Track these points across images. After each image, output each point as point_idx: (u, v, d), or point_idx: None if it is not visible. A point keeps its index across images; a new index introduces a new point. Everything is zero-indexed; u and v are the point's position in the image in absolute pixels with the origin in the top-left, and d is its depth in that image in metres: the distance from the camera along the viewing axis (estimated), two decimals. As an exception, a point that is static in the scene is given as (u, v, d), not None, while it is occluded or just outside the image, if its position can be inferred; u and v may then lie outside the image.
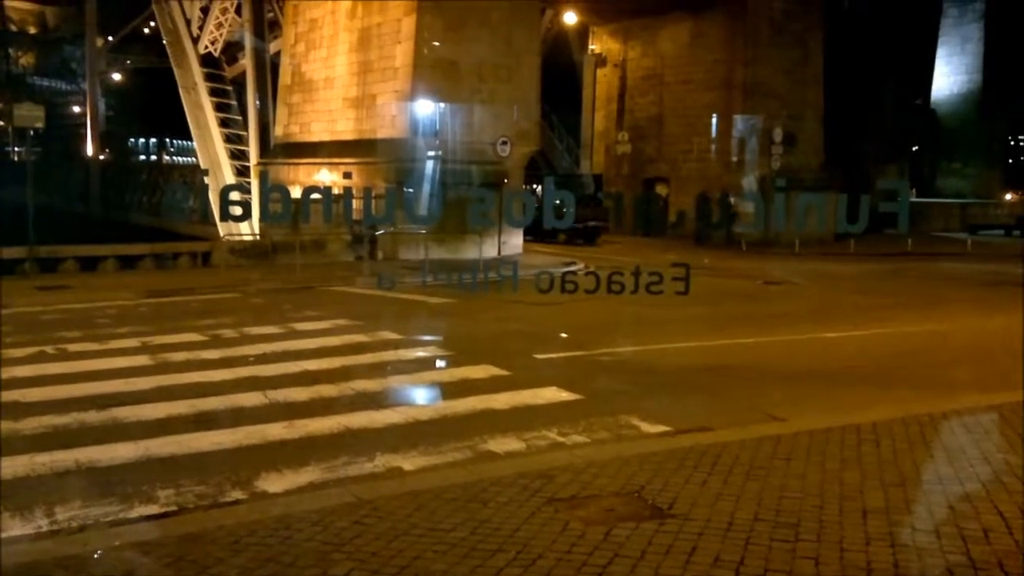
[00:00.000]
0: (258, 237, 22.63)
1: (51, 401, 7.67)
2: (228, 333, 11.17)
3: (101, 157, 55.41)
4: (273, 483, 5.85)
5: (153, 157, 69.94)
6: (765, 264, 23.17)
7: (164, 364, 9.32)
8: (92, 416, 7.29)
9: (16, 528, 5.07)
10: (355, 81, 23.09)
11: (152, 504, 5.46)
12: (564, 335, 11.90)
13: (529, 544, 4.43)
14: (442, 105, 21.14)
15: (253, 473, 6.00)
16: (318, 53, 24.76)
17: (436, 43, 20.69)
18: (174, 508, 5.40)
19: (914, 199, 39.15)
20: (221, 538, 4.64)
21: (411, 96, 21.18)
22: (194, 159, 45.10)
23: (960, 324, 13.30)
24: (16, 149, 64.89)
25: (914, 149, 41.56)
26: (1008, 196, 44.38)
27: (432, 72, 21.17)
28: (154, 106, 54.15)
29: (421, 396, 8.62)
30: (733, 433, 6.92)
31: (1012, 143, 48.31)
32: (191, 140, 37.48)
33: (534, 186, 35.88)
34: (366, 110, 22.66)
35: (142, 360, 9.51)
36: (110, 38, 54.86)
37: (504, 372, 9.17)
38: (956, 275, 21.24)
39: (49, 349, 9.96)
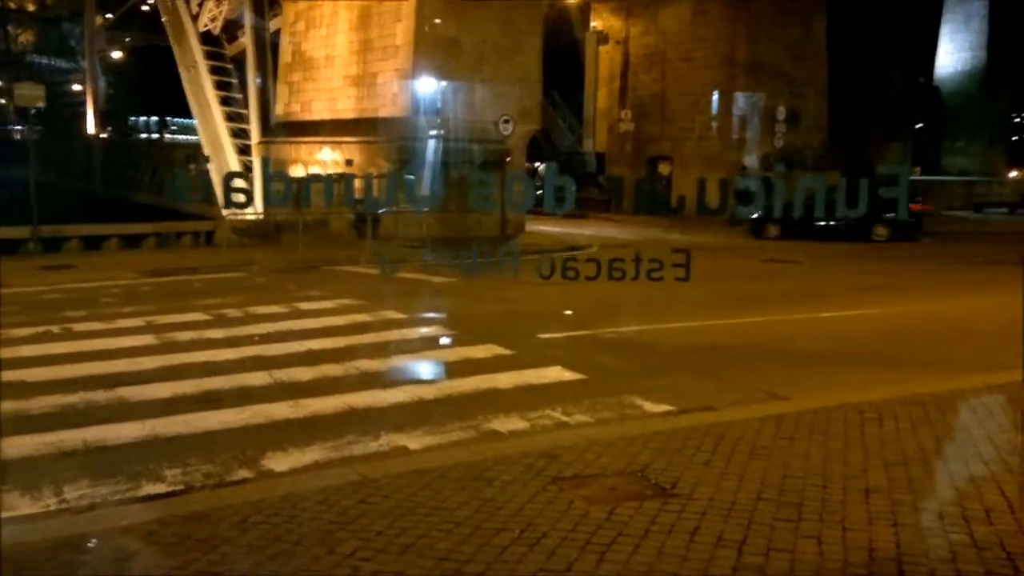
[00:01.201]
0: (260, 216, 22.63)
1: (58, 381, 7.72)
2: (232, 313, 11.20)
3: (102, 135, 55.32)
4: (279, 462, 5.89)
5: (154, 135, 69.77)
6: (766, 242, 23.15)
7: (169, 344, 9.36)
8: (99, 396, 7.34)
9: (24, 507, 5.11)
10: (355, 60, 22.99)
11: (159, 483, 5.50)
12: (568, 312, 11.94)
13: (534, 523, 4.47)
14: (443, 84, 21.04)
15: (259, 452, 6.04)
16: (318, 31, 24.64)
17: (437, 21, 20.55)
18: (181, 487, 5.45)
19: (918, 177, 39.06)
20: (228, 517, 4.69)
21: (412, 75, 21.10)
22: (195, 137, 45.07)
23: (957, 304, 13.29)
24: (17, 127, 64.79)
25: (918, 127, 41.39)
26: (1013, 174, 44.25)
27: (433, 50, 21.07)
28: (154, 84, 53.97)
29: (425, 375, 8.66)
30: (736, 412, 6.95)
31: (1017, 120, 48.11)
32: (192, 118, 37.44)
33: (536, 164, 35.89)
34: (367, 89, 22.58)
35: (147, 340, 9.55)
36: (108, 15, 54.62)
37: (507, 351, 9.20)
38: (957, 254, 21.19)
39: (54, 329, 10.00)
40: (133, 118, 68.51)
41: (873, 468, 5.37)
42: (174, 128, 70.13)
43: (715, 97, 29.13)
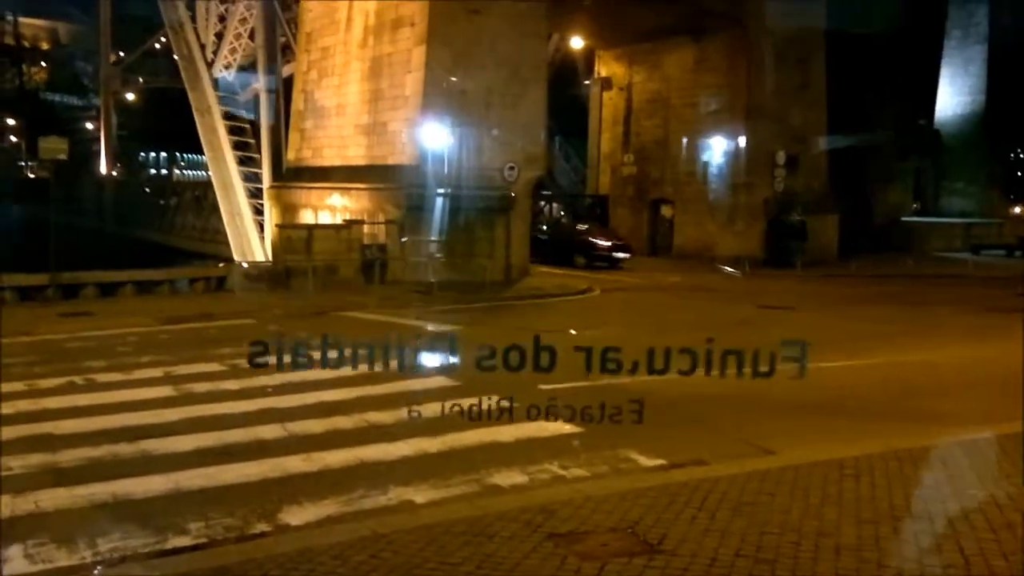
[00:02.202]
0: (270, 261, 23.23)
1: (84, 433, 8.18)
2: (246, 363, 11.66)
3: (114, 173, 56.26)
4: (295, 516, 6.33)
5: (164, 171, 70.82)
6: (765, 286, 23.61)
7: (188, 395, 9.83)
8: (124, 449, 7.80)
9: (62, 559, 5.56)
10: (366, 108, 23.69)
11: (185, 536, 5.94)
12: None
13: (530, 578, 4.91)
14: (451, 132, 21.68)
15: (276, 506, 6.48)
16: (330, 80, 25.39)
17: (446, 74, 21.28)
18: (204, 540, 5.89)
19: (916, 219, 39.58)
20: (250, 571, 5.13)
21: (421, 124, 21.75)
22: (205, 173, 45.98)
23: (951, 353, 13.68)
24: (28, 164, 65.96)
25: (917, 169, 41.97)
26: (1017, 210, 44.74)
27: (441, 100, 21.75)
28: (164, 120, 55.06)
29: (429, 430, 9.09)
30: (724, 467, 7.39)
31: (1020, 155, 48.63)
32: (201, 154, 38.25)
33: (542, 204, 36.47)
34: (377, 137, 23.25)
35: (167, 391, 10.02)
36: (121, 54, 55.76)
37: (505, 403, 9.62)
38: (954, 299, 21.56)
39: (78, 379, 10.48)
40: (143, 154, 69.63)
41: (846, 525, 5.79)
42: (183, 164, 71.21)
43: (717, 143, 29.76)
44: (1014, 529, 5.70)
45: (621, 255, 28.27)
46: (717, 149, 30.01)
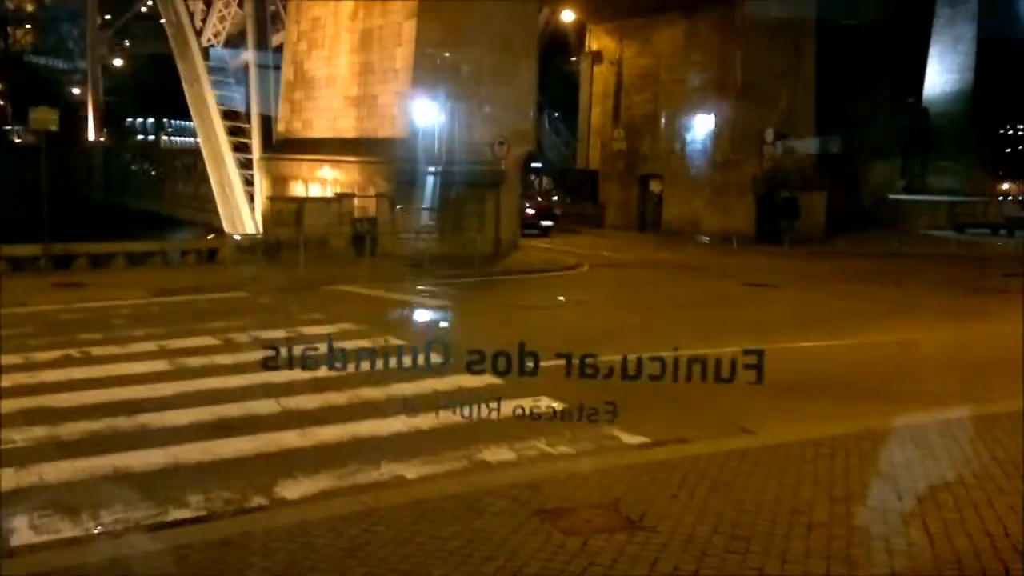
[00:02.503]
0: (260, 234, 23.34)
1: (83, 407, 8.38)
2: (240, 337, 11.87)
3: (102, 139, 55.92)
4: (291, 490, 6.57)
5: (151, 137, 70.32)
6: (752, 262, 23.86)
7: (183, 369, 10.03)
8: (123, 422, 8.00)
9: (67, 530, 5.78)
10: (356, 81, 23.70)
11: (185, 509, 6.17)
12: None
13: (516, 552, 5.15)
14: (441, 107, 21.75)
15: (272, 480, 6.71)
16: (320, 52, 25.35)
17: (437, 48, 21.28)
18: (204, 513, 6.12)
19: (903, 197, 39.89)
20: (250, 543, 5.36)
21: (411, 97, 21.80)
22: (193, 140, 45.79)
23: (932, 334, 13.98)
24: (15, 128, 65.46)
25: (905, 147, 42.22)
26: (1006, 186, 45.11)
27: (432, 75, 21.78)
28: (151, 85, 54.68)
29: (421, 405, 9.32)
30: (705, 446, 7.67)
31: (1009, 131, 48.90)
32: (189, 119, 38.10)
33: (532, 178, 36.64)
34: (367, 109, 23.29)
35: (161, 365, 10.21)
36: (107, 17, 55.20)
37: (497, 381, 9.82)
38: (938, 279, 21.88)
39: (74, 352, 10.65)
40: (129, 120, 69.08)
41: (818, 503, 6.07)
42: (171, 130, 70.69)
43: (706, 119, 29.90)
44: (979, 508, 5.98)
45: (547, 223, 29.78)
46: (706, 126, 30.16)
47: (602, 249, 26.73)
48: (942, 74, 43.01)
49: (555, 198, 35.52)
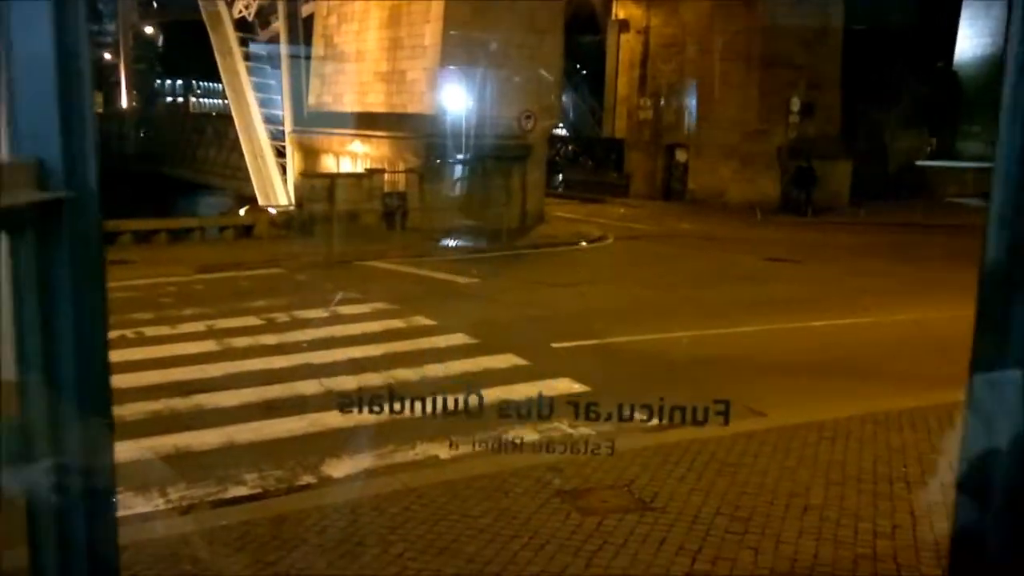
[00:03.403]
0: (293, 206, 24.03)
1: (141, 388, 9.09)
2: (281, 317, 12.58)
3: (134, 104, 56.73)
4: (336, 468, 7.26)
5: (180, 99, 71.05)
6: (774, 234, 24.18)
7: (230, 350, 10.74)
8: (178, 403, 8.72)
9: (140, 506, 6.50)
10: (385, 56, 24.15)
11: (242, 487, 6.86)
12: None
13: (539, 531, 5.80)
14: (469, 83, 22.18)
15: (319, 459, 7.39)
16: (350, 27, 25.79)
17: (464, 26, 21.66)
18: (259, 491, 6.82)
19: (931, 163, 39.73)
20: (303, 520, 6.05)
21: (439, 74, 22.25)
22: (221, 102, 46.43)
23: (945, 313, 14.29)
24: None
25: (935, 112, 41.90)
26: None
27: (459, 51, 22.19)
28: (181, 50, 55.30)
29: (452, 386, 9.98)
30: (714, 430, 8.18)
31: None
32: (217, 81, 38.61)
33: (559, 146, 37.01)
34: (396, 85, 23.77)
35: (210, 346, 10.94)
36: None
37: (524, 362, 10.50)
38: (956, 252, 21.97)
39: (129, 333, 11.39)
40: (158, 81, 69.78)
41: (815, 487, 6.65)
42: (199, 92, 71.39)
43: (732, 89, 30.03)
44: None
45: None
46: (731, 96, 30.27)
47: (627, 220, 27.16)
48: (973, 38, 42.53)
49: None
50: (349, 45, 25.85)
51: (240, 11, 32.75)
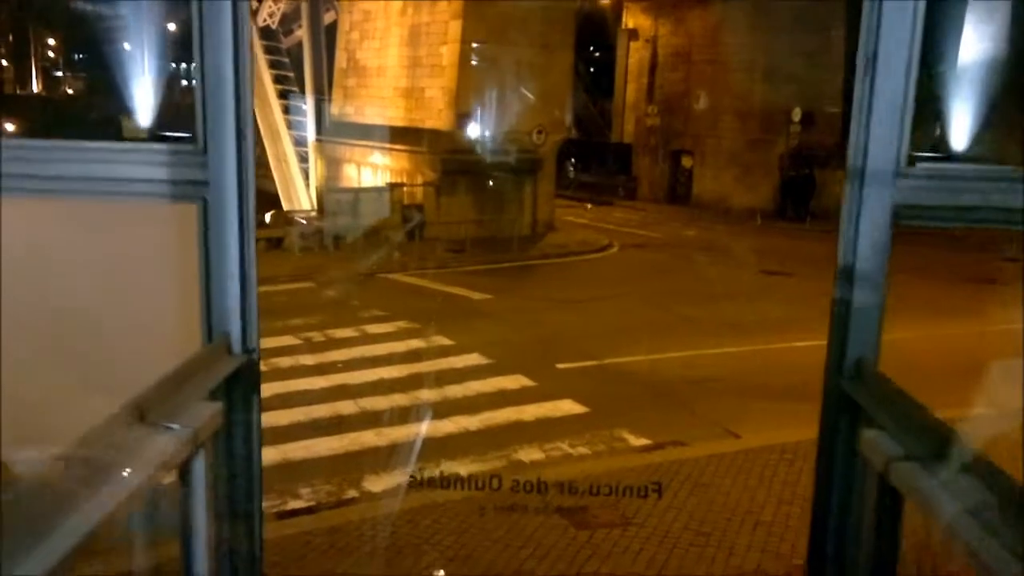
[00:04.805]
0: (315, 210, 25.54)
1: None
2: (317, 336, 14.08)
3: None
4: (375, 484, 8.74)
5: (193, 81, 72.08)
6: (772, 244, 25.46)
7: (275, 370, 12.24)
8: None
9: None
10: (405, 73, 25.57)
11: (299, 500, 8.37)
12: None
13: (542, 542, 7.28)
14: (483, 100, 23.59)
15: (360, 475, 8.88)
16: (371, 43, 27.19)
17: (479, 46, 23.04)
18: (314, 504, 8.33)
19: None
20: (352, 530, 7.55)
21: (456, 92, 23.66)
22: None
23: (917, 332, 15.58)
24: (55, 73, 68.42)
25: (935, 116, 42.90)
26: None
27: (475, 70, 23.59)
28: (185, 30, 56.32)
29: (469, 407, 11.44)
30: (694, 450, 9.70)
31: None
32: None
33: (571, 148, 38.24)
34: (415, 101, 25.19)
35: (257, 366, 12.43)
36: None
37: (531, 383, 11.98)
38: (934, 264, 22.96)
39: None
40: (173, 65, 70.89)
41: (768, 505, 8.11)
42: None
43: (734, 98, 31.27)
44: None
45: None
46: (735, 105, 31.54)
47: (633, 226, 28.54)
48: (976, 43, 43.53)
49: None
50: (371, 61, 27.26)
51: (264, 20, 34.16)
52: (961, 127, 15.27)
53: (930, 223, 3.83)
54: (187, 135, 3.81)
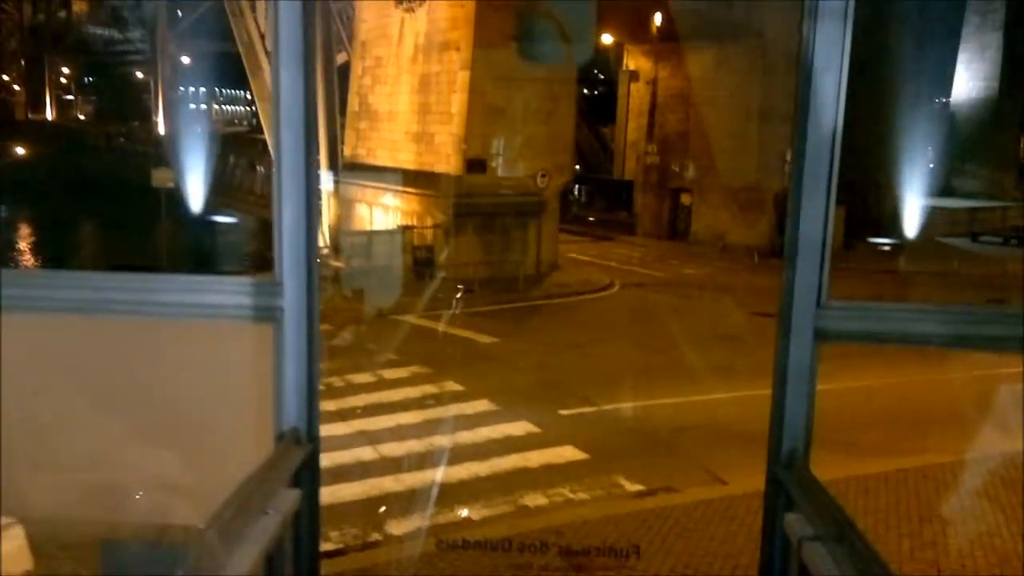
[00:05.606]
0: (327, 249, 26.66)
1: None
2: (336, 382, 15.13)
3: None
4: (396, 527, 9.78)
5: (203, 106, 72.82)
6: (766, 282, 26.39)
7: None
8: (269, 468, 11.28)
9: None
10: (415, 119, 26.78)
11: (329, 542, 9.38)
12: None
13: (545, 584, 8.32)
14: (490, 146, 24.78)
15: (382, 519, 9.92)
16: (383, 88, 28.44)
17: (486, 94, 24.26)
18: (342, 546, 9.36)
19: (925, 202, 41.87)
20: (377, 571, 8.59)
21: (464, 139, 24.84)
22: (243, 108, 47.59)
23: (899, 379, 16.43)
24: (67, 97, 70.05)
25: (931, 151, 44.00)
26: None
27: (482, 118, 24.79)
28: (212, 70, 57.71)
29: (479, 453, 12.43)
30: (683, 496, 10.71)
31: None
32: (238, 89, 40.54)
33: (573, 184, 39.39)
34: (425, 145, 26.39)
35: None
36: (179, 12, 58.50)
37: (536, 429, 13.01)
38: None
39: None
40: (181, 89, 72.08)
41: (747, 550, 9.10)
42: (222, 99, 73.65)
43: (731, 139, 32.43)
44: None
45: None
46: (732, 145, 32.70)
47: (633, 263, 29.62)
48: (969, 80, 44.79)
49: None
50: (382, 105, 28.49)
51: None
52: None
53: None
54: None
